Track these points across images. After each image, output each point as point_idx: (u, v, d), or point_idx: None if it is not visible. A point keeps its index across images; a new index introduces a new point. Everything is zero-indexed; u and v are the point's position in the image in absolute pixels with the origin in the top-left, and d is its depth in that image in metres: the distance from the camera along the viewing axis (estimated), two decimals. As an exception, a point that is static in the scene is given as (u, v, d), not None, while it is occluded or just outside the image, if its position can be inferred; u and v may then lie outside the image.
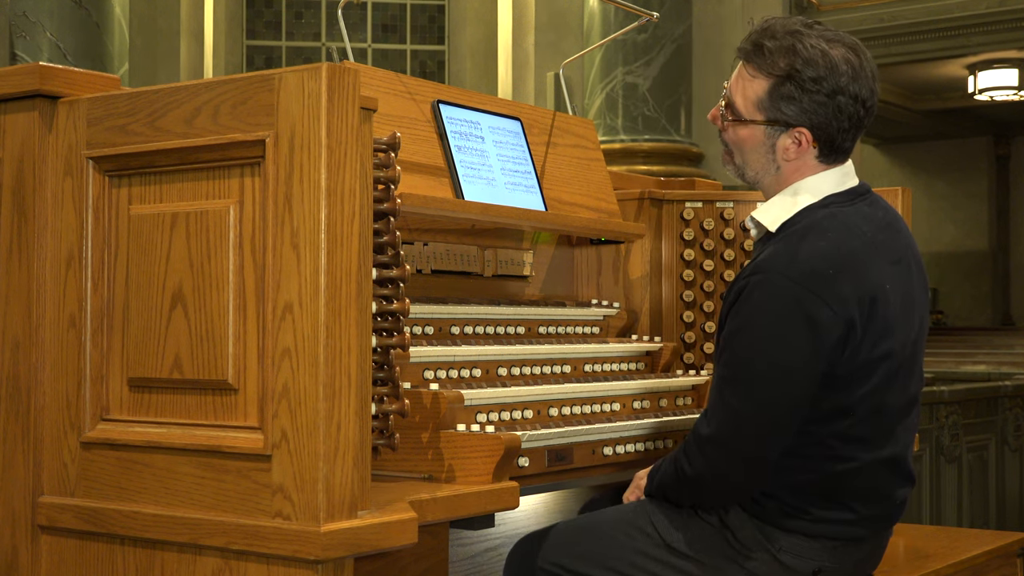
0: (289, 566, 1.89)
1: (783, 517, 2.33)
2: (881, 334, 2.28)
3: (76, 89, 2.19)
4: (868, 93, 2.37)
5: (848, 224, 2.33)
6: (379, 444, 2.08)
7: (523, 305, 2.98)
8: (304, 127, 1.89)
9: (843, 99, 2.34)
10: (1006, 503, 6.52)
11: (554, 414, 2.64)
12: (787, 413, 2.25)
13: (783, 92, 2.35)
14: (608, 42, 6.80)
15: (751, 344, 2.26)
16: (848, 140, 2.40)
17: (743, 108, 2.42)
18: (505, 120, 3.01)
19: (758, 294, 2.26)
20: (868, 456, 2.32)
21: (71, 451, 2.14)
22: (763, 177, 2.46)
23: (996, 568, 3.02)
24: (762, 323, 2.25)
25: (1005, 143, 18.39)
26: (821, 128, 2.36)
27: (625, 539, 2.43)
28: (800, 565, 2.34)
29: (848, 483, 2.32)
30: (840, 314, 2.22)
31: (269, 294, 1.93)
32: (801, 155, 2.40)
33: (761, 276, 2.27)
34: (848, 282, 2.24)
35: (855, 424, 2.30)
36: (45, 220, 2.19)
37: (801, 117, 2.36)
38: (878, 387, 2.29)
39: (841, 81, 2.33)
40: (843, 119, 2.36)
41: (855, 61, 2.35)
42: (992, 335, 15.71)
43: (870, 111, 2.40)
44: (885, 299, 2.29)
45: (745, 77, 2.42)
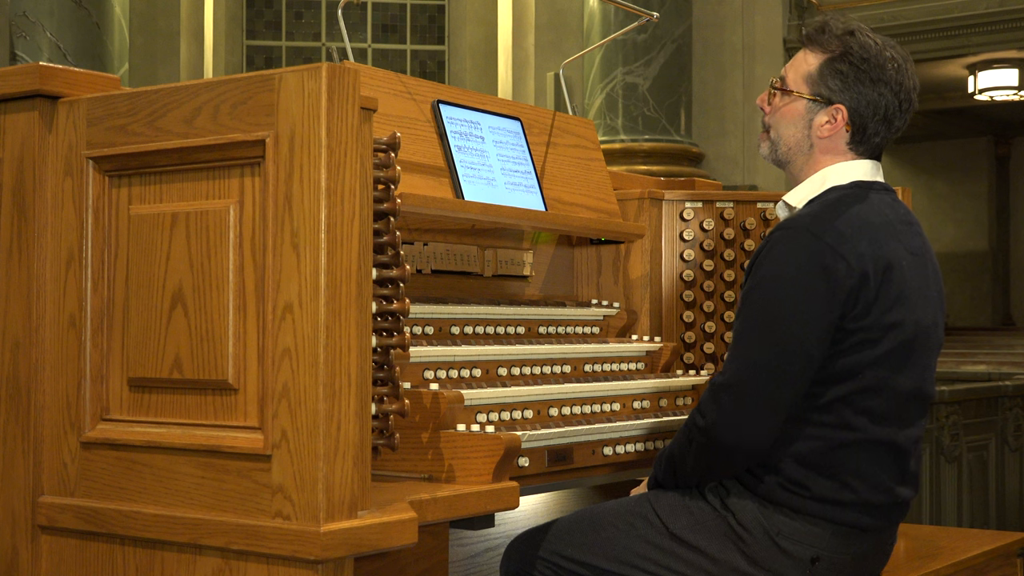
0: (289, 566, 1.89)
1: (783, 493, 2.35)
2: (893, 302, 2.36)
3: (76, 89, 2.19)
4: (906, 95, 2.52)
5: (871, 203, 2.45)
6: (379, 444, 2.08)
7: (523, 305, 2.98)
8: (304, 127, 1.89)
9: (884, 88, 2.49)
10: (1006, 503, 6.52)
11: (554, 414, 2.64)
12: (800, 361, 2.31)
13: (834, 68, 2.50)
14: (608, 42, 6.80)
15: (769, 293, 2.35)
16: (879, 134, 2.52)
17: (792, 81, 2.56)
18: (505, 120, 3.02)
19: (779, 248, 2.37)
20: (872, 431, 2.35)
21: (71, 451, 2.14)
22: (795, 155, 2.57)
23: (996, 568, 3.02)
24: (781, 273, 2.35)
25: (1005, 143, 18.39)
26: (857, 111, 2.49)
27: (627, 527, 2.44)
28: (799, 551, 2.34)
29: (849, 458, 2.35)
30: (855, 267, 2.32)
31: (269, 294, 1.93)
32: (834, 135, 2.52)
33: (783, 232, 2.38)
34: (866, 243, 2.35)
35: (862, 392, 2.34)
36: (45, 220, 2.19)
37: (843, 94, 2.49)
38: (887, 357, 2.35)
39: (887, 72, 2.49)
40: (880, 107, 2.49)
41: (902, 65, 2.52)
42: (992, 335, 15.71)
43: (904, 112, 2.53)
44: (901, 272, 2.38)
45: (801, 56, 2.57)
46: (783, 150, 2.57)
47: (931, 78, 13.78)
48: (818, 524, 2.35)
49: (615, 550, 2.43)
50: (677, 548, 2.39)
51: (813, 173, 2.54)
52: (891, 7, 10.74)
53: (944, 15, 10.53)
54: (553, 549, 2.48)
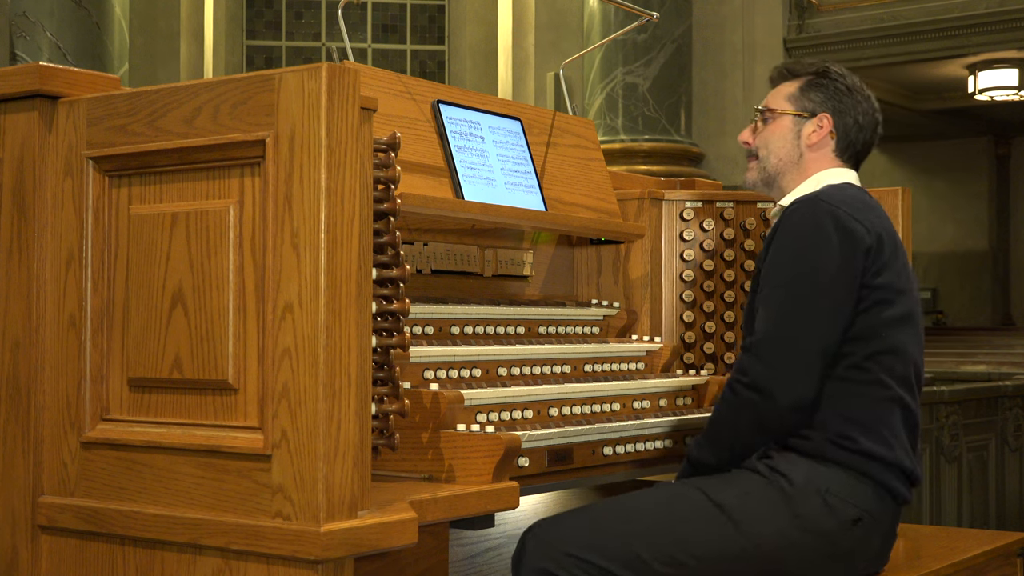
0: (289, 566, 1.89)
1: (832, 448, 2.45)
2: (900, 270, 2.54)
3: (76, 89, 2.19)
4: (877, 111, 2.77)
5: (866, 196, 2.65)
6: (379, 444, 2.08)
7: (523, 305, 2.98)
8: (304, 127, 1.89)
9: (860, 98, 2.73)
10: (1006, 503, 6.52)
11: (554, 414, 2.64)
12: (831, 311, 2.45)
13: (815, 84, 2.74)
14: (608, 42, 6.80)
15: (794, 254, 2.49)
16: (860, 142, 2.74)
17: (775, 104, 2.77)
18: (505, 120, 3.02)
19: (796, 217, 2.52)
20: (898, 392, 2.50)
21: (71, 451, 2.14)
22: (786, 165, 2.73)
23: (996, 568, 3.02)
24: (801, 235, 2.49)
25: (1005, 143, 18.38)
26: (841, 118, 2.71)
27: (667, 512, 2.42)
28: (845, 510, 2.43)
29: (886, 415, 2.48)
30: (871, 228, 2.50)
31: (269, 294, 1.93)
32: (821, 143, 2.71)
33: (797, 207, 2.54)
34: (873, 214, 2.56)
35: (884, 353, 2.49)
36: (45, 220, 2.19)
37: (826, 104, 2.72)
38: (900, 321, 2.50)
39: (857, 87, 2.75)
40: (859, 114, 2.72)
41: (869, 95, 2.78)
42: (992, 335, 15.70)
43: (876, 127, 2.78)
44: (901, 248, 2.58)
45: (779, 88, 2.80)
46: (774, 163, 2.74)
47: (931, 78, 13.78)
48: (863, 481, 2.45)
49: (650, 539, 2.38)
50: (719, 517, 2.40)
51: (806, 178, 2.71)
52: (891, 7, 10.74)
53: (944, 15, 10.52)
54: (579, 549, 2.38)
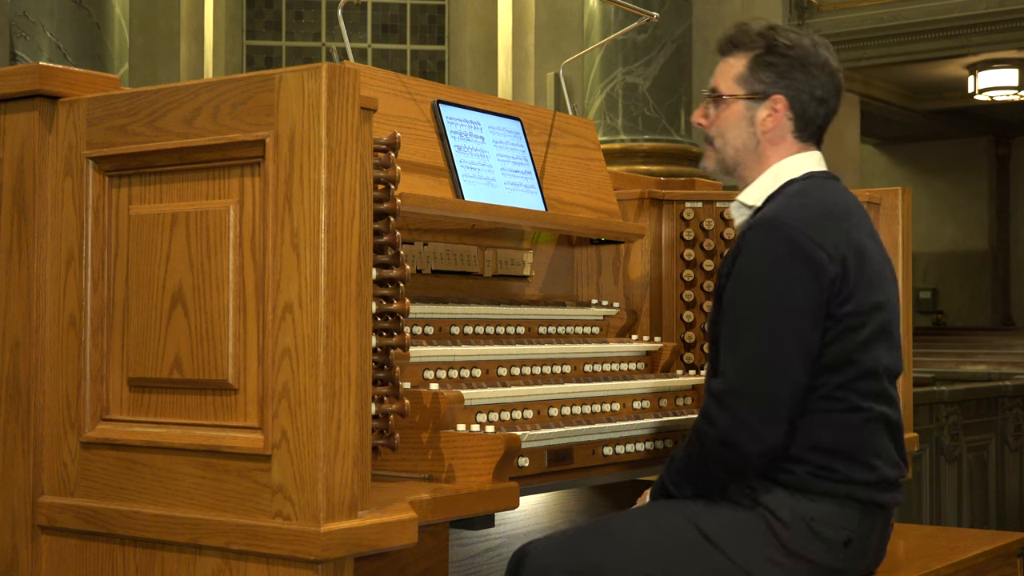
0: (289, 566, 1.89)
1: (814, 480, 2.38)
2: (870, 285, 2.42)
3: (76, 89, 2.19)
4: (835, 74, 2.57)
5: (828, 191, 2.51)
6: (379, 444, 2.08)
7: (523, 305, 2.98)
8: (304, 127, 1.89)
9: (815, 70, 2.54)
10: (1006, 503, 6.52)
11: (554, 414, 2.64)
12: (799, 350, 2.34)
13: (763, 62, 2.55)
14: (608, 42, 6.80)
15: (754, 288, 2.37)
16: (818, 116, 2.56)
17: (724, 87, 2.60)
18: (505, 120, 3.01)
19: (756, 245, 2.39)
20: (876, 410, 2.42)
21: (71, 451, 2.14)
22: (744, 155, 2.59)
23: (996, 568, 3.02)
24: (764, 269, 2.37)
25: (1005, 143, 18.38)
26: (796, 97, 2.54)
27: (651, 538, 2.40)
28: (834, 535, 2.39)
29: (866, 438, 2.41)
30: (834, 256, 2.36)
31: (269, 294, 1.93)
32: (777, 127, 2.55)
33: (756, 231, 2.40)
34: (836, 230, 2.40)
35: (859, 377, 2.39)
36: (45, 220, 2.19)
37: (778, 84, 2.54)
38: (874, 338, 2.41)
39: (814, 56, 2.54)
40: (816, 87, 2.54)
41: (822, 48, 2.56)
42: (992, 335, 15.71)
43: (837, 92, 2.58)
44: (869, 256, 2.44)
45: (725, 64, 2.62)
46: (731, 154, 2.60)
47: (931, 78, 13.79)
48: (848, 505, 2.40)
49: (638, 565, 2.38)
50: (708, 549, 2.37)
51: (764, 169, 2.57)
52: (891, 7, 10.74)
53: (944, 15, 10.52)
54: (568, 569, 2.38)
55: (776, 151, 2.57)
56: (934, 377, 8.03)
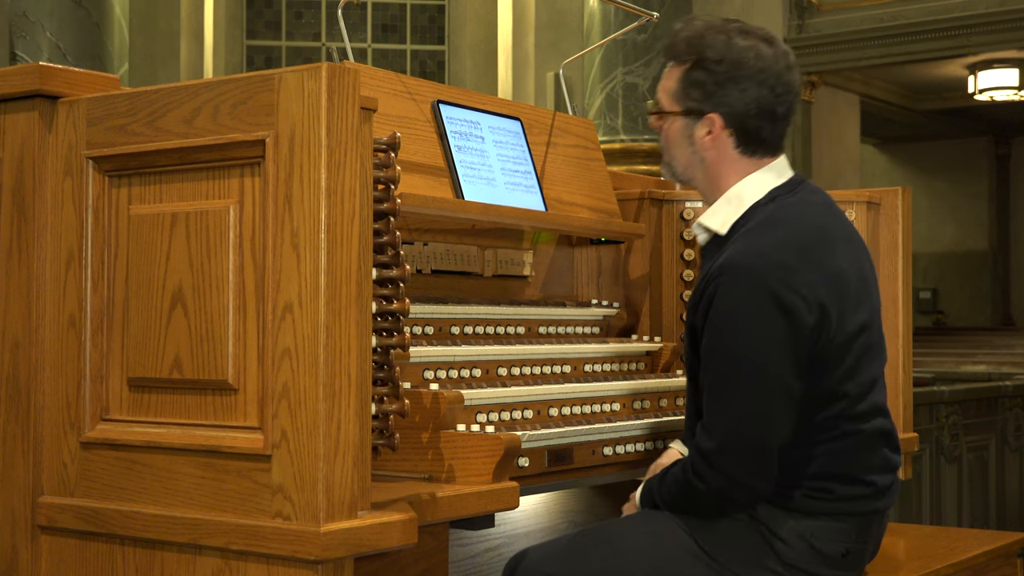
0: (289, 566, 1.89)
1: (812, 502, 2.36)
2: (853, 310, 2.35)
3: (76, 89, 2.19)
4: (777, 79, 2.42)
5: (799, 214, 2.40)
6: (379, 444, 2.08)
7: (523, 305, 2.98)
8: (304, 127, 1.89)
9: (748, 84, 2.41)
10: (1006, 503, 6.52)
11: (554, 414, 2.64)
12: (784, 402, 2.29)
13: (691, 78, 2.44)
14: (608, 42, 6.80)
15: (733, 343, 2.30)
16: (765, 130, 2.44)
17: (664, 102, 2.52)
18: (505, 120, 3.01)
19: (730, 296, 2.30)
20: (868, 426, 2.39)
21: (71, 451, 2.14)
22: (693, 173, 2.52)
23: (996, 568, 3.02)
24: (740, 322, 2.29)
25: (1005, 143, 18.38)
26: (729, 115, 2.43)
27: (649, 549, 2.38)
28: (832, 548, 2.38)
29: (858, 459, 2.38)
30: (811, 300, 2.27)
31: (269, 294, 1.93)
32: (718, 146, 2.46)
33: (728, 277, 2.31)
34: (812, 269, 2.30)
35: (849, 405, 2.36)
36: (45, 220, 2.19)
37: (709, 103, 2.43)
38: (859, 362, 2.36)
39: (745, 67, 2.40)
40: (752, 104, 2.42)
41: (765, 52, 2.42)
42: (992, 335, 15.71)
43: (783, 97, 2.43)
44: (846, 278, 2.36)
45: (666, 73, 2.52)
46: (679, 170, 2.54)
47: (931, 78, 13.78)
48: (846, 520, 2.39)
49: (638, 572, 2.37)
50: (708, 563, 2.35)
51: (721, 189, 2.47)
52: (891, 7, 10.74)
53: (944, 15, 10.52)
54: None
55: (728, 171, 2.46)
56: (934, 377, 8.04)
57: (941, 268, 18.37)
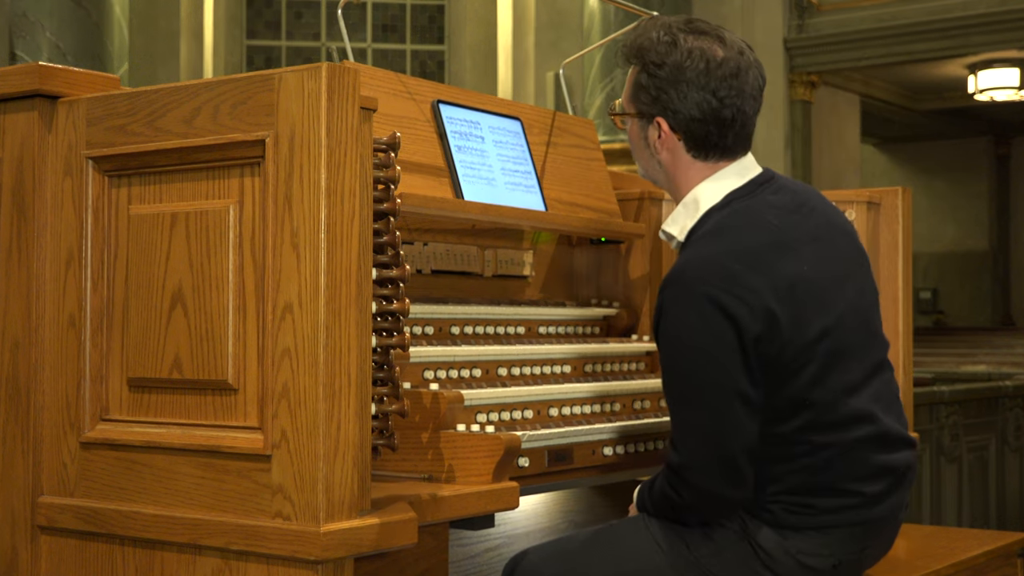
0: (289, 566, 1.89)
1: (793, 516, 2.32)
2: (811, 316, 2.26)
3: (76, 89, 2.19)
4: (720, 84, 2.36)
5: (752, 218, 2.33)
6: (379, 444, 2.07)
7: (523, 305, 2.98)
8: (304, 127, 1.89)
9: (689, 89, 2.37)
10: (1006, 503, 6.53)
11: (554, 414, 2.64)
12: (743, 409, 2.23)
13: (639, 83, 2.43)
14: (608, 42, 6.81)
15: (681, 358, 2.27)
16: (713, 135, 2.39)
17: (625, 103, 2.51)
18: (505, 120, 3.01)
19: (675, 309, 2.27)
20: (847, 436, 2.30)
21: (71, 451, 2.14)
22: (655, 175, 2.51)
23: (996, 568, 3.02)
24: (686, 336, 2.25)
25: (1005, 143, 18.39)
26: (675, 119, 2.40)
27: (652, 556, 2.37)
28: (821, 563, 2.33)
29: (837, 470, 2.31)
30: (756, 308, 2.21)
31: (269, 294, 1.93)
32: (669, 148, 2.43)
33: (672, 289, 2.28)
34: (758, 274, 2.23)
35: (820, 414, 2.28)
36: (45, 220, 2.19)
37: (655, 107, 2.41)
38: (826, 368, 2.27)
39: (686, 73, 2.37)
40: (692, 109, 2.38)
41: (713, 55, 2.37)
42: (992, 335, 15.72)
43: (727, 104, 2.38)
44: (806, 282, 2.27)
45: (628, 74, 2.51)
46: (642, 172, 2.53)
47: (931, 78, 13.79)
48: (832, 533, 2.32)
49: None
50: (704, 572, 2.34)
51: (681, 192, 2.45)
52: (891, 7, 10.74)
53: (944, 15, 10.53)
54: None
55: (684, 174, 2.44)
56: (934, 377, 8.04)
57: (941, 268, 18.38)
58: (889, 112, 15.15)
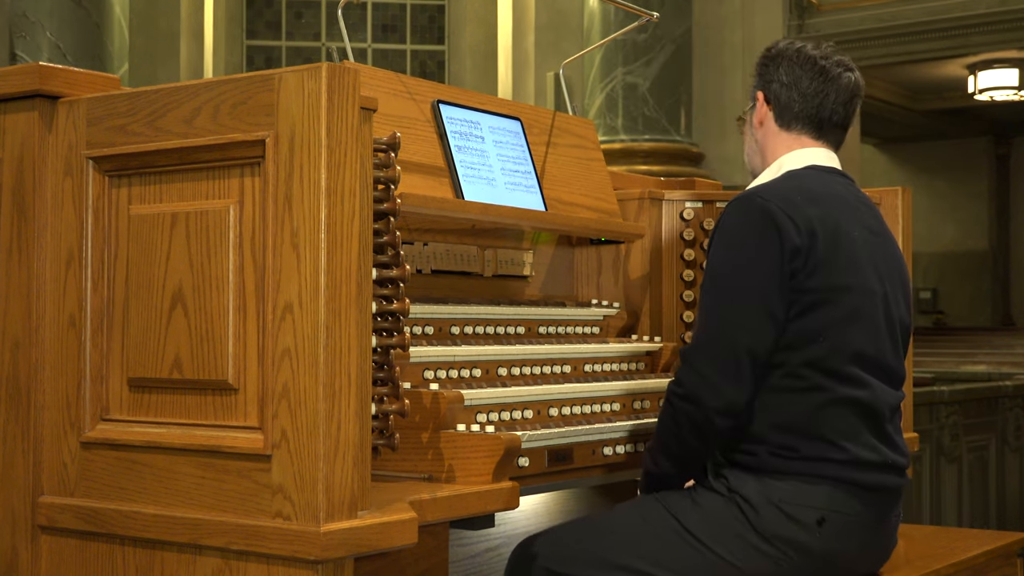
0: (289, 566, 1.89)
1: (774, 460, 2.41)
2: (845, 266, 2.45)
3: (76, 89, 2.19)
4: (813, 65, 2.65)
5: (825, 182, 2.57)
6: (379, 444, 2.08)
7: (523, 305, 2.98)
8: (304, 127, 1.89)
9: (784, 61, 2.66)
10: (1006, 503, 6.53)
11: (554, 414, 2.64)
12: (758, 310, 2.40)
13: (755, 71, 2.76)
14: (608, 42, 6.81)
15: (725, 249, 2.47)
16: (795, 102, 2.65)
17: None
18: (505, 120, 3.01)
19: (732, 212, 2.49)
20: (841, 391, 2.42)
21: (71, 451, 2.14)
22: (753, 155, 2.76)
23: (996, 568, 3.02)
24: (734, 231, 2.47)
25: (1005, 143, 18.40)
26: (767, 88, 2.69)
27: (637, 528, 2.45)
28: (805, 514, 2.39)
29: (827, 417, 2.41)
30: (803, 227, 2.41)
31: (269, 294, 1.93)
32: (765, 121, 2.70)
33: (734, 203, 2.50)
34: (814, 208, 2.45)
35: (826, 355, 2.41)
36: (45, 220, 2.19)
37: (758, 84, 2.72)
38: (844, 319, 2.43)
39: (784, 52, 2.68)
40: (782, 74, 2.66)
41: (817, 58, 2.65)
42: (992, 335, 15.72)
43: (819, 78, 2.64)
44: (851, 240, 2.48)
45: None
46: (746, 157, 2.79)
47: (931, 78, 13.79)
48: (815, 483, 2.40)
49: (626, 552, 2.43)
50: (692, 543, 2.40)
51: (769, 165, 2.69)
52: (891, 7, 10.74)
53: (944, 15, 10.53)
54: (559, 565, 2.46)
55: (774, 146, 2.69)
56: (934, 377, 8.04)
57: (941, 268, 18.38)
58: (889, 112, 15.16)
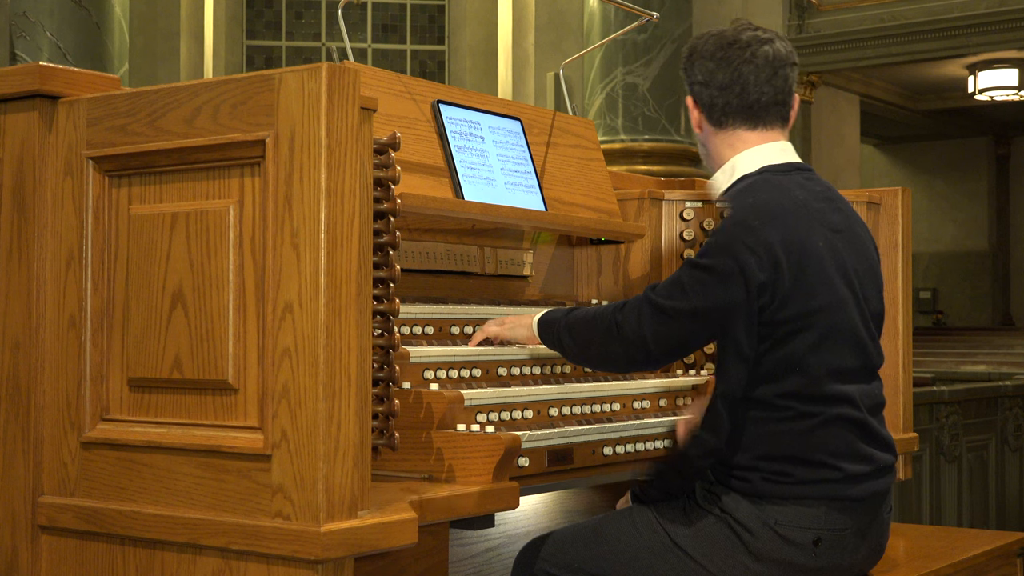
0: (289, 566, 1.89)
1: (770, 485, 2.38)
2: (815, 287, 2.38)
3: (76, 89, 2.19)
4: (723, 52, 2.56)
5: (780, 187, 2.47)
6: (379, 444, 2.08)
7: (523, 305, 2.98)
8: (304, 127, 1.89)
9: (699, 60, 2.57)
10: (1006, 503, 6.53)
11: (554, 414, 2.64)
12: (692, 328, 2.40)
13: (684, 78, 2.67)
14: (608, 42, 6.80)
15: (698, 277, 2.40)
16: (718, 99, 2.54)
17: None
18: (505, 120, 3.01)
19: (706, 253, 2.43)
20: (828, 412, 2.39)
21: (71, 451, 2.14)
22: (706, 158, 2.67)
23: (996, 568, 3.02)
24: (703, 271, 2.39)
25: (1005, 143, 18.39)
26: (691, 91, 2.61)
27: (630, 539, 2.45)
28: (800, 536, 2.37)
29: (818, 441, 2.38)
30: (765, 259, 2.34)
31: (269, 294, 1.93)
32: (699, 123, 2.61)
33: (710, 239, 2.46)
34: (774, 230, 2.37)
35: (807, 384, 2.37)
36: (45, 220, 2.19)
37: (687, 88, 2.63)
38: (821, 342, 2.38)
39: (698, 49, 2.59)
40: (697, 74, 2.57)
41: (726, 44, 2.56)
42: (992, 335, 15.71)
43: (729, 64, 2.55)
44: (818, 256, 2.40)
45: None
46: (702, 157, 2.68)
47: (931, 78, 13.79)
48: (811, 505, 2.38)
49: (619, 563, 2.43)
50: (682, 558, 2.39)
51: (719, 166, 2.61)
52: (891, 7, 10.74)
53: (944, 15, 10.52)
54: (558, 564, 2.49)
55: (718, 145, 2.59)
56: (934, 377, 8.04)
57: (941, 268, 18.38)
58: (889, 112, 15.15)
